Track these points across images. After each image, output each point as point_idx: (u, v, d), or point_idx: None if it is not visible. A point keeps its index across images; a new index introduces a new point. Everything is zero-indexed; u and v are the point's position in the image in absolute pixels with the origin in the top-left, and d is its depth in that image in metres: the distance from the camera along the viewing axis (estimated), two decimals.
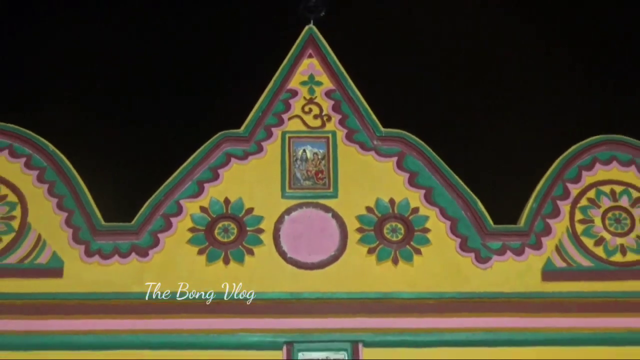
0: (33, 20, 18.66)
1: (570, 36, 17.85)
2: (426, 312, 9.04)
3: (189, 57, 17.84)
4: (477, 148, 12.72)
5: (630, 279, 9.31)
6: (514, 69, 17.49)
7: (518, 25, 17.93)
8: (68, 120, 13.67)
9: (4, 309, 8.84)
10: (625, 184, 9.82)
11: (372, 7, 16.40)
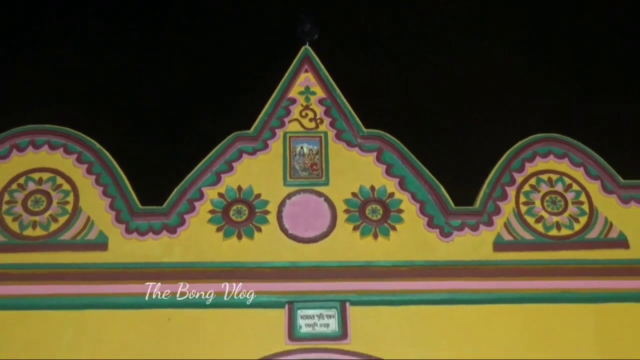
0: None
1: (531, 41, 17.66)
2: (400, 277, 9.20)
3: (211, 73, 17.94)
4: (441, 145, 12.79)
5: (564, 249, 9.46)
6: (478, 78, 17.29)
7: (481, 34, 17.83)
8: (110, 124, 13.69)
9: (61, 276, 9.00)
10: (560, 173, 9.94)
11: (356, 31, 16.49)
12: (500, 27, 17.89)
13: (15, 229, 9.30)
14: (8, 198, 9.46)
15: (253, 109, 10.13)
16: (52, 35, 17.92)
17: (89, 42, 18.39)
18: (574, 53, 17.77)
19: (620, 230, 9.59)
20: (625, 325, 9.10)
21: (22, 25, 18.00)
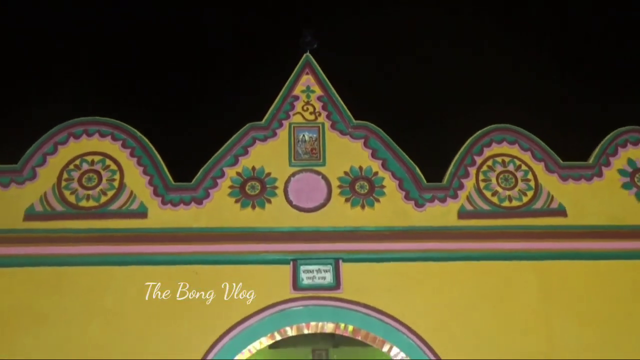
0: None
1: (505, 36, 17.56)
2: (382, 239, 9.31)
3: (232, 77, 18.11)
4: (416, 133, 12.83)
5: (514, 217, 9.54)
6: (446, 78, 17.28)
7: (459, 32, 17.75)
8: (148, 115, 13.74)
9: (109, 239, 9.10)
10: (511, 156, 9.97)
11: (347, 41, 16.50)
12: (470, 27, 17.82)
13: (72, 200, 9.35)
14: (66, 176, 9.50)
15: (265, 104, 10.15)
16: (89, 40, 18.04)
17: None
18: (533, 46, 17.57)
19: (559, 202, 9.66)
20: (563, 279, 9.24)
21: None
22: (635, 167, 9.98)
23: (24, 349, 8.46)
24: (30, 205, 9.29)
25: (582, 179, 9.85)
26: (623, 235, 9.42)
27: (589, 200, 9.71)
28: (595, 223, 9.51)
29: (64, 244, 9.04)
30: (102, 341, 8.56)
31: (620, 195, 9.78)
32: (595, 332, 8.91)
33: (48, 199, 9.35)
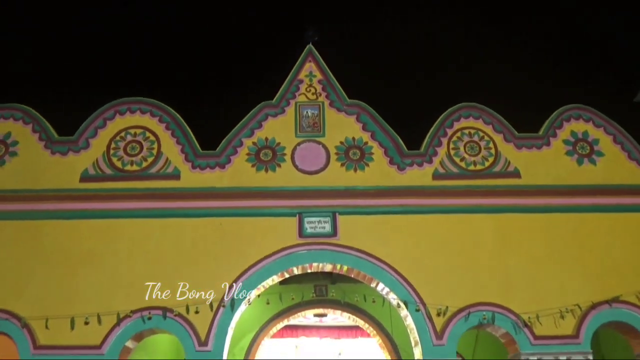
0: None
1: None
2: (371, 197, 9.33)
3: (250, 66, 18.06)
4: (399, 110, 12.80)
5: (478, 179, 9.54)
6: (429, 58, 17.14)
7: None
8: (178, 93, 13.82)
9: (150, 196, 9.15)
10: (476, 128, 9.92)
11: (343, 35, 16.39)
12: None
13: (119, 165, 9.37)
14: (114, 145, 9.50)
15: (276, 86, 10.12)
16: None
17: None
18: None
19: (515, 166, 9.66)
20: (517, 228, 9.30)
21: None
22: (577, 138, 9.96)
23: (85, 282, 8.59)
24: (84, 169, 9.30)
25: (533, 147, 9.84)
26: (566, 193, 9.46)
27: (538, 165, 9.71)
28: (544, 183, 9.53)
29: (113, 201, 9.09)
30: (145, 277, 8.66)
31: (564, 161, 9.79)
32: (543, 270, 9.01)
33: (99, 164, 9.36)
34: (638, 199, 9.50)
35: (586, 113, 10.19)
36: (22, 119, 9.60)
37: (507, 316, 8.67)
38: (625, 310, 8.76)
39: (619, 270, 9.00)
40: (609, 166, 9.77)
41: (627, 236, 9.27)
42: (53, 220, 8.93)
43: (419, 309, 8.68)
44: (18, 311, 8.29)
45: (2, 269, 8.58)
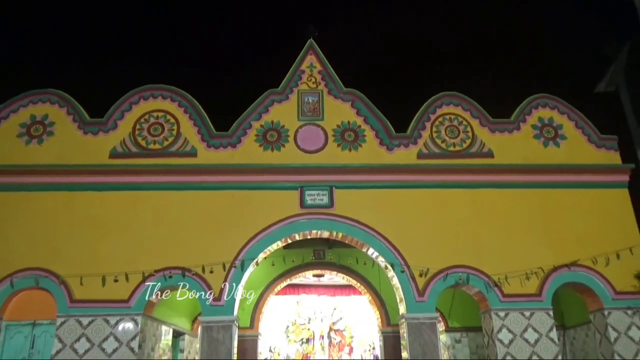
0: None
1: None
2: (363, 173, 9.30)
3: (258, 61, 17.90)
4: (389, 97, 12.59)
5: (457, 158, 9.52)
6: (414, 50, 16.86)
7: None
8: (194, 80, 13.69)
9: (170, 171, 9.10)
10: (456, 114, 9.89)
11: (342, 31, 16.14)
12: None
13: (143, 144, 9.31)
14: (138, 127, 9.44)
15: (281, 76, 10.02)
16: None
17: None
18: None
19: (489, 147, 9.65)
20: (489, 201, 9.30)
21: None
22: (543, 123, 9.94)
23: (113, 245, 8.59)
24: (113, 147, 9.25)
25: (505, 131, 9.82)
26: (533, 171, 9.46)
27: (510, 146, 9.69)
28: (514, 162, 9.52)
29: (138, 175, 9.05)
30: (167, 243, 8.67)
31: (532, 143, 9.77)
32: (512, 238, 9.05)
33: (126, 143, 9.31)
34: (595, 177, 9.51)
35: (552, 101, 10.15)
36: (57, 102, 9.52)
37: (480, 277, 8.74)
38: (582, 273, 8.82)
39: (578, 239, 9.04)
40: (570, 148, 9.77)
41: (586, 209, 9.29)
42: (86, 191, 8.90)
43: (403, 271, 8.73)
44: (56, 270, 8.32)
45: (42, 234, 8.58)
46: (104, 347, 7.97)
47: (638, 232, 9.18)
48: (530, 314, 8.57)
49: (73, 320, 8.07)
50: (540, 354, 8.32)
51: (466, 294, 9.46)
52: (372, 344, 14.40)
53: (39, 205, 8.76)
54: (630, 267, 8.83)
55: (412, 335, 8.44)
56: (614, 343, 8.41)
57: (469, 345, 11.21)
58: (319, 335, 14.55)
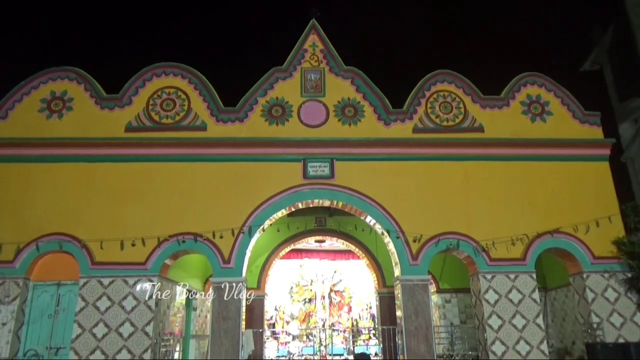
0: None
1: None
2: (362, 146, 9.23)
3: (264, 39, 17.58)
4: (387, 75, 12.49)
5: (450, 132, 9.45)
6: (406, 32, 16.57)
7: None
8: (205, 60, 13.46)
9: (182, 144, 9.03)
10: (449, 91, 9.76)
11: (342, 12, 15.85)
12: None
13: (156, 118, 9.24)
14: (152, 102, 9.34)
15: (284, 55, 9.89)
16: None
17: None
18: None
19: (480, 122, 9.56)
20: (479, 173, 9.26)
21: None
22: (531, 100, 9.83)
23: (130, 213, 8.61)
24: (128, 121, 9.18)
25: (495, 107, 9.71)
26: (521, 145, 9.39)
27: (499, 122, 9.60)
28: (503, 137, 9.44)
29: (152, 148, 9.00)
30: (180, 210, 8.68)
31: (520, 119, 9.68)
32: (500, 207, 9.05)
33: (140, 117, 9.23)
34: (579, 151, 9.46)
35: (540, 79, 10.02)
36: (75, 79, 9.41)
37: (469, 243, 8.78)
38: (563, 239, 8.86)
39: (561, 208, 9.05)
40: (556, 124, 9.68)
41: (569, 181, 9.27)
42: (104, 163, 8.87)
43: (399, 237, 8.76)
44: (78, 235, 8.37)
45: (64, 202, 8.59)
46: (124, 305, 8.07)
47: (617, 202, 9.18)
48: (514, 276, 8.63)
49: (94, 280, 8.16)
50: (523, 312, 8.42)
51: (456, 258, 9.52)
52: (369, 304, 14.58)
53: (61, 175, 8.76)
54: (608, 235, 8.87)
55: (406, 295, 8.52)
56: (591, 303, 8.50)
57: (458, 305, 11.33)
58: (320, 295, 14.72)
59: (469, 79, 9.89)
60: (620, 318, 8.41)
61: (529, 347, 8.21)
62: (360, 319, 14.55)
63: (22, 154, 8.80)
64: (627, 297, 8.54)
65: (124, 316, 8.01)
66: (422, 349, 8.20)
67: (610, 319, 8.40)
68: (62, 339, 8.19)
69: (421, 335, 8.29)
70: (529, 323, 8.35)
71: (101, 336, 7.87)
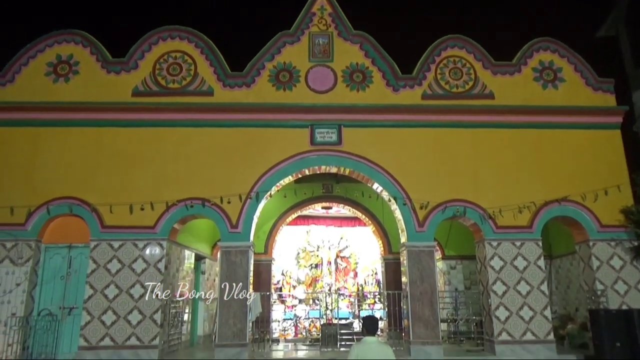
0: None
1: None
2: (370, 112, 9.15)
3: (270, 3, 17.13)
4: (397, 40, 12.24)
5: (460, 99, 9.32)
6: None
7: None
8: None
9: (189, 109, 9.01)
10: (460, 57, 9.58)
11: None
12: None
13: (163, 83, 9.17)
14: (158, 66, 9.26)
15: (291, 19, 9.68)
16: None
17: None
18: None
19: (490, 89, 9.41)
20: (489, 140, 9.18)
21: None
22: (543, 66, 9.63)
23: (139, 177, 8.67)
24: (135, 86, 9.13)
25: (507, 74, 9.54)
26: (531, 112, 9.27)
27: (510, 88, 9.44)
28: (513, 104, 9.31)
29: (159, 113, 8.97)
30: (188, 175, 8.73)
31: (532, 85, 9.52)
32: (508, 175, 9.01)
33: (147, 82, 9.17)
34: (590, 119, 9.32)
35: (553, 45, 9.78)
36: (81, 42, 9.32)
37: (476, 210, 8.78)
38: (571, 208, 8.84)
39: (570, 176, 8.99)
40: (568, 91, 9.51)
41: (579, 149, 9.17)
42: (112, 127, 8.88)
43: (405, 203, 8.79)
44: (88, 199, 8.47)
45: (73, 166, 8.66)
46: (134, 267, 8.23)
47: (627, 171, 9.10)
48: (520, 244, 8.67)
49: (105, 243, 8.30)
50: (528, 279, 8.49)
51: (462, 225, 9.55)
52: (374, 270, 14.75)
53: (69, 140, 8.80)
54: (616, 203, 8.83)
55: (412, 261, 8.61)
56: (596, 271, 8.54)
57: (463, 272, 11.47)
58: (327, 261, 14.87)
59: (480, 45, 9.68)
60: (625, 286, 8.46)
61: (532, 313, 8.32)
62: (365, 285, 14.75)
63: (30, 118, 8.82)
64: (633, 266, 8.57)
65: (135, 278, 8.17)
66: (426, 313, 8.34)
67: (615, 286, 8.46)
68: (74, 300, 8.41)
69: (426, 300, 8.41)
70: (533, 289, 8.43)
71: (112, 297, 8.06)
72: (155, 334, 7.97)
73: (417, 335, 8.26)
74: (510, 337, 8.22)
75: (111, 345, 7.86)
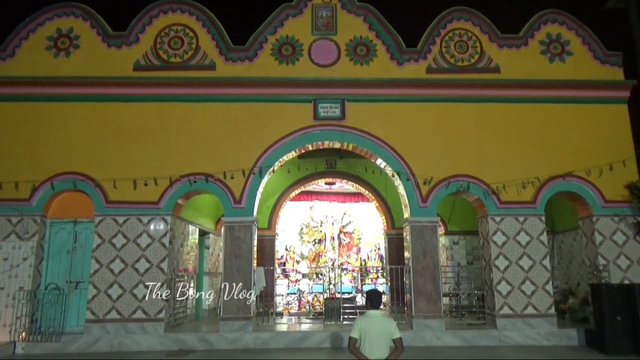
0: None
1: None
2: (374, 87, 9.06)
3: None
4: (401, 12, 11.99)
5: (465, 73, 9.21)
6: None
7: None
8: None
9: (191, 84, 8.93)
10: (465, 29, 9.42)
11: None
12: None
13: (164, 57, 9.08)
14: (159, 40, 9.15)
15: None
16: None
17: None
18: None
19: (496, 62, 9.28)
20: (494, 114, 9.11)
21: None
22: (551, 39, 9.47)
23: (142, 152, 8.67)
24: (136, 60, 9.04)
25: (513, 47, 9.39)
26: (537, 86, 9.16)
27: (516, 62, 9.31)
28: (519, 77, 9.19)
29: (160, 87, 8.90)
30: (191, 150, 8.72)
31: (538, 59, 9.38)
32: (512, 150, 8.96)
33: (148, 56, 9.08)
34: (597, 93, 9.21)
35: (561, 17, 9.60)
36: (81, 16, 9.20)
37: (480, 185, 8.77)
38: (575, 183, 8.81)
39: (575, 151, 8.94)
40: (576, 64, 9.37)
41: (585, 123, 9.09)
42: (114, 102, 8.83)
43: (409, 179, 8.78)
44: (92, 174, 8.49)
45: (76, 141, 8.65)
46: (139, 242, 8.30)
47: (632, 146, 9.03)
48: (523, 219, 8.68)
49: (110, 218, 8.36)
50: (530, 254, 8.53)
51: (465, 201, 9.56)
52: (377, 245, 14.85)
53: (72, 115, 8.77)
54: (621, 179, 8.79)
55: (415, 236, 8.65)
56: (599, 246, 8.57)
57: (466, 247, 11.53)
58: (330, 236, 14.97)
59: (487, 17, 9.51)
60: (627, 261, 8.50)
61: (534, 287, 8.39)
62: (368, 260, 14.87)
63: (32, 93, 8.78)
64: (636, 241, 8.59)
65: (140, 253, 8.25)
66: (428, 287, 8.42)
67: (617, 261, 8.49)
68: (80, 274, 8.51)
69: (428, 275, 8.48)
70: (535, 264, 8.48)
71: (118, 271, 8.16)
72: (161, 307, 8.09)
73: (419, 309, 8.36)
74: (512, 311, 8.31)
75: (118, 319, 8.00)
